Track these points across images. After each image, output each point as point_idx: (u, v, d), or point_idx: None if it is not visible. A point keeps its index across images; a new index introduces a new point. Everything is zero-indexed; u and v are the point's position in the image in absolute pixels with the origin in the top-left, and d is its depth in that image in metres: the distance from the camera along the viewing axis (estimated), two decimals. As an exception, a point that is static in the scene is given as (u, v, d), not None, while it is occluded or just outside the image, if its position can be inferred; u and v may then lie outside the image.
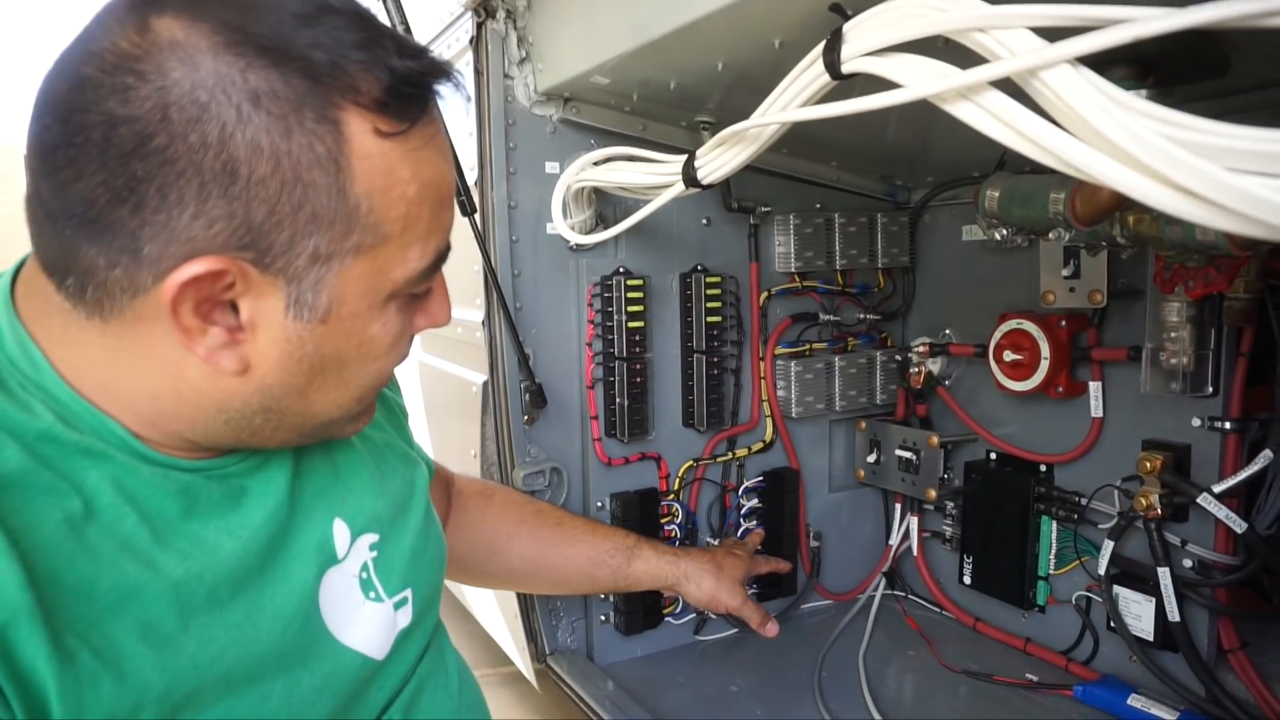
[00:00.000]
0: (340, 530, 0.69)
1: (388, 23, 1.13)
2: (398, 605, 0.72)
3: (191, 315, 0.53)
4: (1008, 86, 0.61)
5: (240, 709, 0.58)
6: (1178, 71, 0.77)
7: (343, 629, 0.67)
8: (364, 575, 0.70)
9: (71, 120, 0.50)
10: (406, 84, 0.54)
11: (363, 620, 0.69)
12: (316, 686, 0.64)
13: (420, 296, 0.64)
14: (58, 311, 0.56)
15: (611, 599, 1.46)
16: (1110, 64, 0.72)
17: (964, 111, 0.64)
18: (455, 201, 0.65)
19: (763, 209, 1.49)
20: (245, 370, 0.57)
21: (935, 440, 1.49)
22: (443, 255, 0.62)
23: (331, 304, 0.56)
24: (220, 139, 0.49)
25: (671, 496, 1.49)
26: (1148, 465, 1.18)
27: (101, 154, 0.49)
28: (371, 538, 0.72)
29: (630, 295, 1.38)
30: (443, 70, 0.56)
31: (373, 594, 0.70)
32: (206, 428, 0.59)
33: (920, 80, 0.67)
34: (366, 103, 0.53)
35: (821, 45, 0.76)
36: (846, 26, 0.74)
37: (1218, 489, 1.12)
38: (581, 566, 1.16)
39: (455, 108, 1.33)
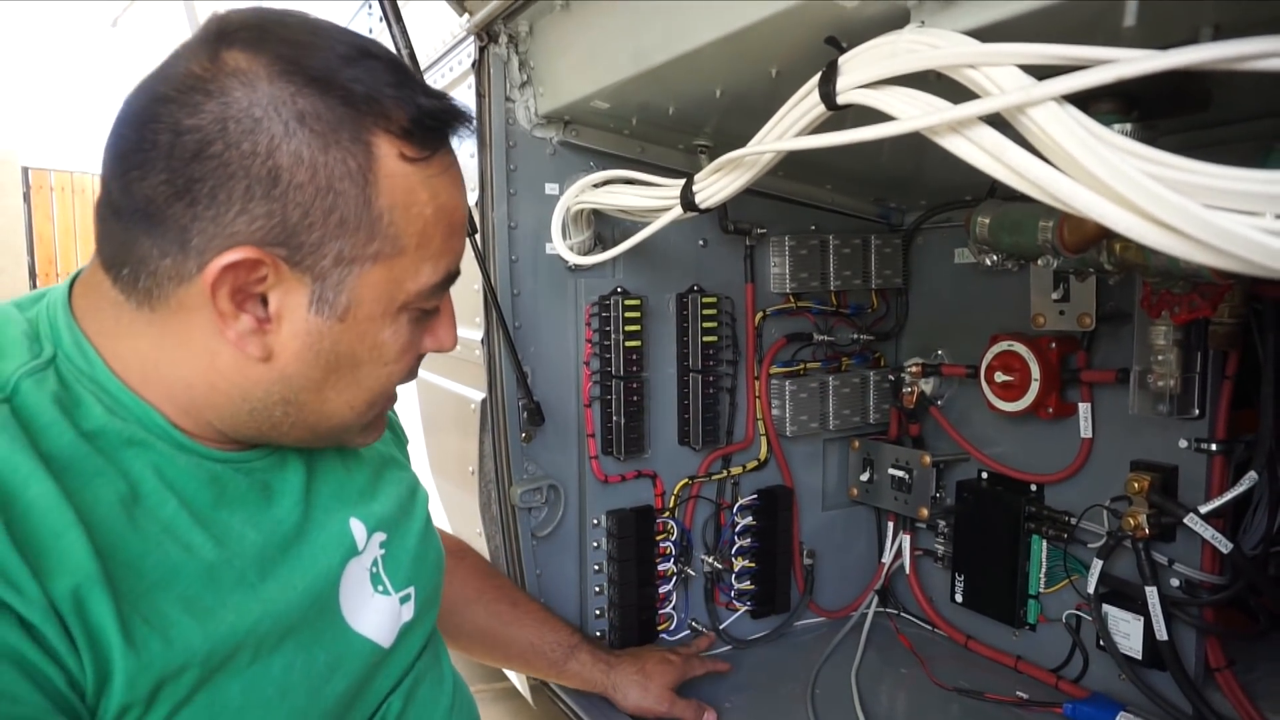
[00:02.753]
0: (357, 527, 0.76)
1: (392, 46, 1.15)
2: (403, 600, 0.79)
3: (227, 300, 0.60)
4: (997, 121, 0.64)
5: (269, 673, 0.64)
6: (1161, 106, 0.80)
7: (355, 616, 0.74)
8: (374, 570, 0.77)
9: (145, 129, 0.58)
10: (430, 118, 0.62)
11: (372, 610, 0.75)
12: (330, 664, 0.70)
13: (429, 315, 0.71)
14: (111, 305, 0.63)
15: (606, 616, 1.47)
16: (1095, 99, 0.74)
17: (954, 144, 0.67)
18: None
19: (758, 231, 1.51)
20: (269, 358, 0.63)
21: (927, 459, 1.51)
22: (452, 276, 0.69)
23: (350, 304, 0.63)
24: (269, 149, 0.57)
25: (667, 514, 1.50)
26: (1136, 486, 1.19)
27: (167, 157, 0.57)
28: (381, 536, 0.79)
29: (628, 315, 1.40)
30: (461, 113, 0.65)
31: (381, 587, 0.77)
32: (234, 417, 0.66)
33: (913, 113, 0.69)
34: (395, 130, 0.61)
35: (817, 76, 0.78)
36: (842, 59, 0.76)
37: (1204, 509, 1.14)
38: (523, 651, 1.24)
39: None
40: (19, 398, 0.58)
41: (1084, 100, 0.60)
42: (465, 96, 1.34)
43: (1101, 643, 1.30)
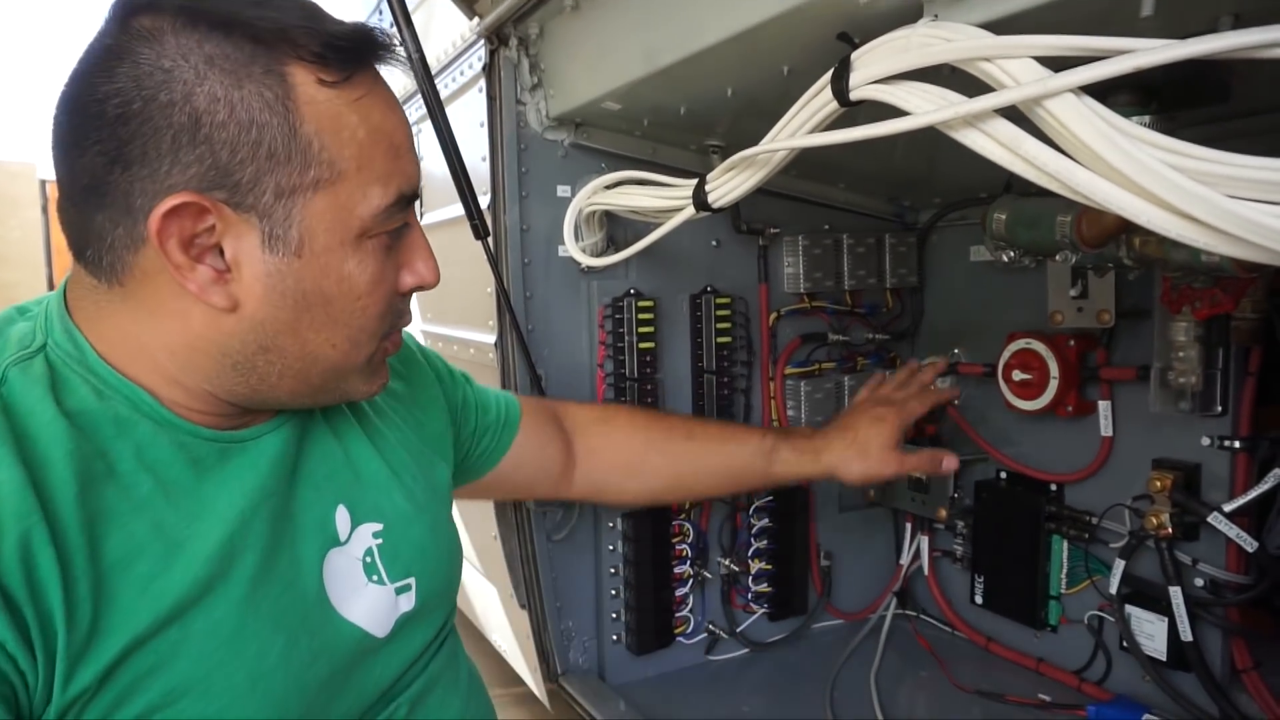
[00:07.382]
0: (342, 515, 0.75)
1: (403, 50, 1.15)
2: (400, 590, 0.78)
3: (179, 252, 0.60)
4: (1013, 114, 0.63)
5: (241, 658, 0.63)
6: (1180, 98, 0.79)
7: (344, 604, 0.73)
8: (367, 560, 0.77)
9: (73, 108, 0.60)
10: (341, 39, 0.62)
11: (364, 599, 0.75)
12: (315, 650, 0.69)
13: (398, 244, 0.70)
14: (89, 291, 0.65)
15: (623, 619, 1.46)
16: (1113, 91, 0.73)
17: (970, 138, 0.66)
18: (412, 153, 0.71)
19: (772, 230, 1.51)
20: (236, 307, 0.63)
21: (945, 459, 1.50)
22: (406, 198, 0.68)
23: (303, 237, 0.63)
24: (184, 95, 0.58)
25: (682, 516, 1.49)
26: (1158, 484, 1.18)
27: (96, 127, 0.59)
28: (374, 526, 0.78)
29: (641, 317, 1.39)
30: (374, 35, 0.65)
31: (375, 577, 0.76)
32: (220, 376, 0.66)
33: (927, 108, 0.68)
34: (307, 57, 0.61)
35: (830, 73, 0.78)
36: (854, 55, 0.76)
37: (1228, 508, 1.12)
38: (721, 481, 1.24)
39: (469, 132, 1.35)
40: (5, 386, 0.61)
41: (1101, 93, 0.59)
42: (476, 100, 1.34)
43: (1125, 644, 1.29)
